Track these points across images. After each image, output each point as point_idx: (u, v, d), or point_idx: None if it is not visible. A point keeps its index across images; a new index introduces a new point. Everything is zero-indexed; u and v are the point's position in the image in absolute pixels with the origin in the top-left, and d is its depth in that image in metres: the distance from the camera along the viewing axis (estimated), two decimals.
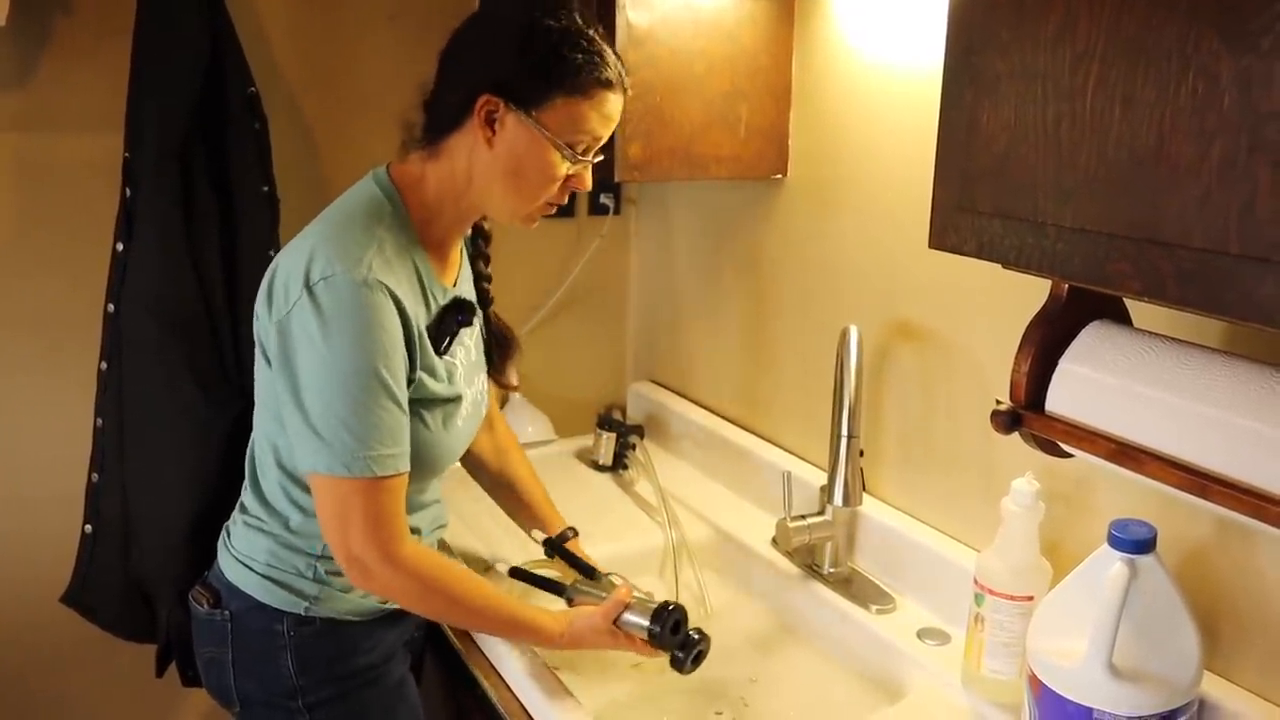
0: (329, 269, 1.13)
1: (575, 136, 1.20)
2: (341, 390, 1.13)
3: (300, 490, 1.25)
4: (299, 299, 1.14)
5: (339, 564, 1.21)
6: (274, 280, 1.19)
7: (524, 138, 1.19)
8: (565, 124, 1.19)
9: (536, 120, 1.18)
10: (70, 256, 1.68)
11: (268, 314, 1.19)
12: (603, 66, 1.18)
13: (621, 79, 1.22)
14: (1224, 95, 0.75)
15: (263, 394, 1.26)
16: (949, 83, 0.97)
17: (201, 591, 1.34)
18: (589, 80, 1.18)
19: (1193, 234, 0.78)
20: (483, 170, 1.22)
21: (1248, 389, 0.89)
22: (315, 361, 1.13)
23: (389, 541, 1.19)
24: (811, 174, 1.67)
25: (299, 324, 1.14)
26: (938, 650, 1.36)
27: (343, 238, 1.17)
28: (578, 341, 2.16)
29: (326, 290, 1.13)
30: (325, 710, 1.31)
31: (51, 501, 1.71)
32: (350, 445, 1.14)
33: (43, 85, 1.64)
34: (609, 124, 1.23)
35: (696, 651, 1.32)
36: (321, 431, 1.14)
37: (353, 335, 1.13)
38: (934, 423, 1.49)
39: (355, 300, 1.13)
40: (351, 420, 1.14)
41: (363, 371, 1.13)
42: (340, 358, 1.13)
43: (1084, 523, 1.27)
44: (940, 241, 1.01)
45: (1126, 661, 1.01)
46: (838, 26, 1.57)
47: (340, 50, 1.84)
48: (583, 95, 1.18)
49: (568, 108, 1.18)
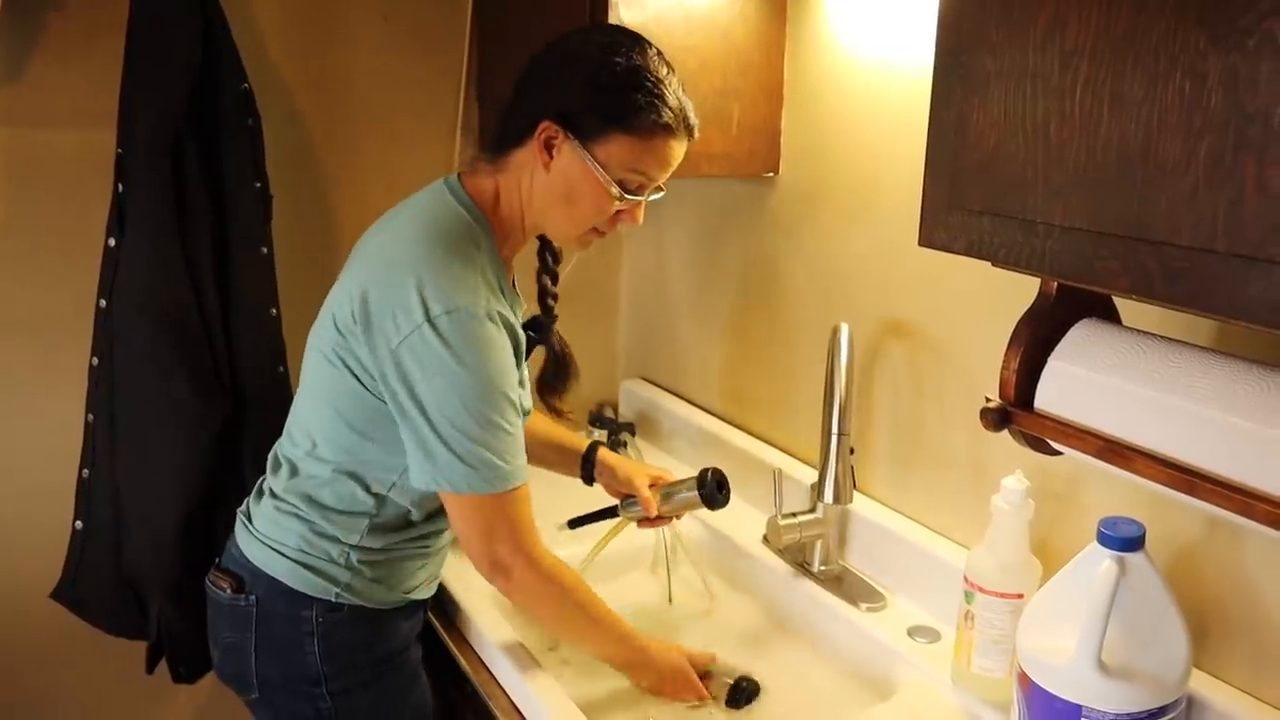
0: (450, 303, 1.16)
1: (626, 175, 1.23)
2: (477, 415, 1.18)
3: (360, 489, 1.28)
4: (418, 329, 1.16)
5: (483, 574, 1.27)
6: (369, 304, 1.20)
7: (577, 168, 1.22)
8: (618, 161, 1.22)
9: (590, 153, 1.21)
10: (62, 252, 1.68)
11: (364, 334, 1.20)
12: (664, 110, 1.20)
13: (685, 123, 1.24)
14: (1211, 94, 0.75)
15: (328, 394, 1.27)
16: (939, 81, 0.97)
17: (221, 576, 1.35)
18: (647, 122, 1.20)
19: (1180, 232, 0.78)
20: (541, 192, 1.26)
21: (1235, 387, 0.90)
22: (445, 389, 1.17)
23: (533, 548, 1.26)
24: (803, 172, 1.67)
25: (419, 353, 1.17)
26: (928, 648, 1.37)
27: (452, 268, 1.19)
28: (569, 339, 2.15)
29: (451, 324, 1.16)
30: (347, 698, 1.33)
31: (42, 497, 1.71)
32: (490, 464, 1.19)
33: (35, 80, 1.63)
34: (665, 167, 1.25)
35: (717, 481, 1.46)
36: (461, 455, 1.18)
37: (480, 363, 1.17)
38: (925, 420, 1.50)
39: (480, 332, 1.17)
40: (490, 441, 1.19)
41: (493, 395, 1.19)
42: (472, 385, 1.17)
43: (1074, 521, 1.28)
44: (930, 239, 1.01)
45: (1115, 659, 1.01)
46: (830, 25, 1.57)
47: (334, 47, 1.84)
48: (639, 136, 1.21)
49: (622, 145, 1.21)
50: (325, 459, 1.29)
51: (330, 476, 1.29)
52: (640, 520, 1.52)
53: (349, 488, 1.28)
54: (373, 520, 1.29)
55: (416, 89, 1.92)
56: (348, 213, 1.88)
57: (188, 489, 1.62)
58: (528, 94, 1.26)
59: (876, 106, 1.50)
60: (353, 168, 1.89)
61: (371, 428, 1.25)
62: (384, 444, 1.25)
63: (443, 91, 1.94)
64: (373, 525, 1.30)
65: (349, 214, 1.89)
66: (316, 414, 1.30)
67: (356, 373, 1.24)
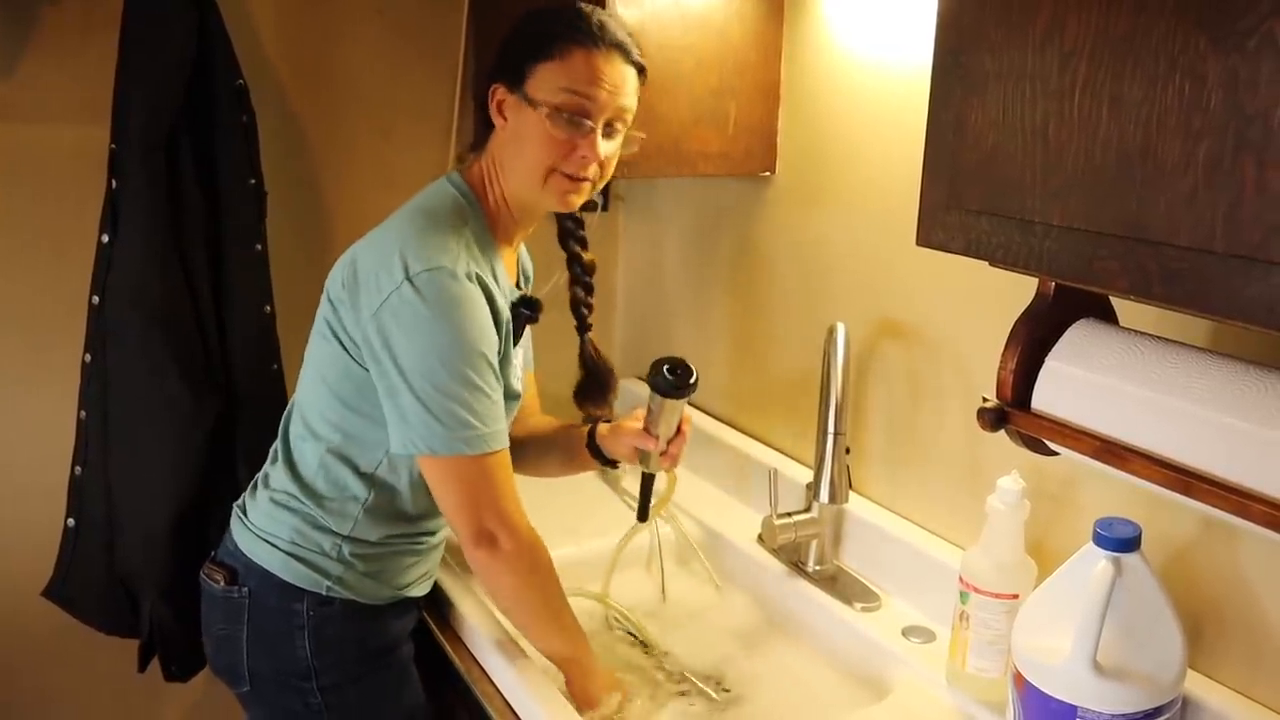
0: (429, 262, 1.18)
1: (560, 99, 1.23)
2: (455, 373, 1.19)
3: (350, 473, 1.29)
4: (397, 288, 1.18)
5: (464, 545, 1.25)
6: (357, 271, 1.24)
7: (522, 115, 1.25)
8: (547, 90, 1.23)
9: (526, 94, 1.24)
10: (55, 248, 1.68)
11: (351, 300, 1.24)
12: (577, 30, 1.23)
13: (604, 35, 1.24)
14: (1211, 95, 0.75)
15: (321, 368, 1.30)
16: (938, 81, 0.97)
17: (215, 569, 1.35)
18: (561, 45, 1.23)
19: (1179, 233, 0.78)
20: (500, 153, 1.29)
21: (1231, 387, 0.90)
22: (422, 348, 1.18)
23: (516, 512, 1.25)
24: (799, 171, 1.67)
25: (398, 312, 1.18)
26: (923, 648, 1.37)
27: (434, 235, 1.22)
28: (565, 339, 2.15)
29: (429, 281, 1.18)
30: (338, 692, 1.33)
31: (34, 494, 1.71)
32: (468, 423, 1.19)
33: (28, 76, 1.63)
34: (596, 82, 1.23)
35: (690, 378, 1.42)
36: (439, 414, 1.19)
37: (459, 322, 1.19)
38: (920, 420, 1.50)
39: (458, 291, 1.19)
40: (469, 401, 1.19)
41: (471, 354, 1.20)
42: (450, 343, 1.19)
43: (1069, 521, 1.28)
44: (928, 239, 1.01)
45: (1111, 659, 1.01)
46: (827, 24, 1.57)
47: (329, 43, 1.83)
48: (557, 59, 1.23)
49: (546, 75, 1.23)
50: (318, 437, 1.30)
51: (320, 460, 1.30)
52: (666, 464, 1.48)
53: (340, 473, 1.29)
54: (365, 508, 1.30)
55: (412, 87, 1.92)
56: (342, 211, 1.88)
57: (180, 487, 1.62)
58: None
59: (873, 106, 1.50)
60: (348, 165, 1.89)
61: (359, 399, 1.27)
62: (370, 416, 1.27)
63: (438, 89, 1.94)
64: (365, 513, 1.30)
65: (344, 212, 1.88)
66: (313, 390, 1.32)
67: (344, 343, 1.26)
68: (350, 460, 1.30)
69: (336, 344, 1.27)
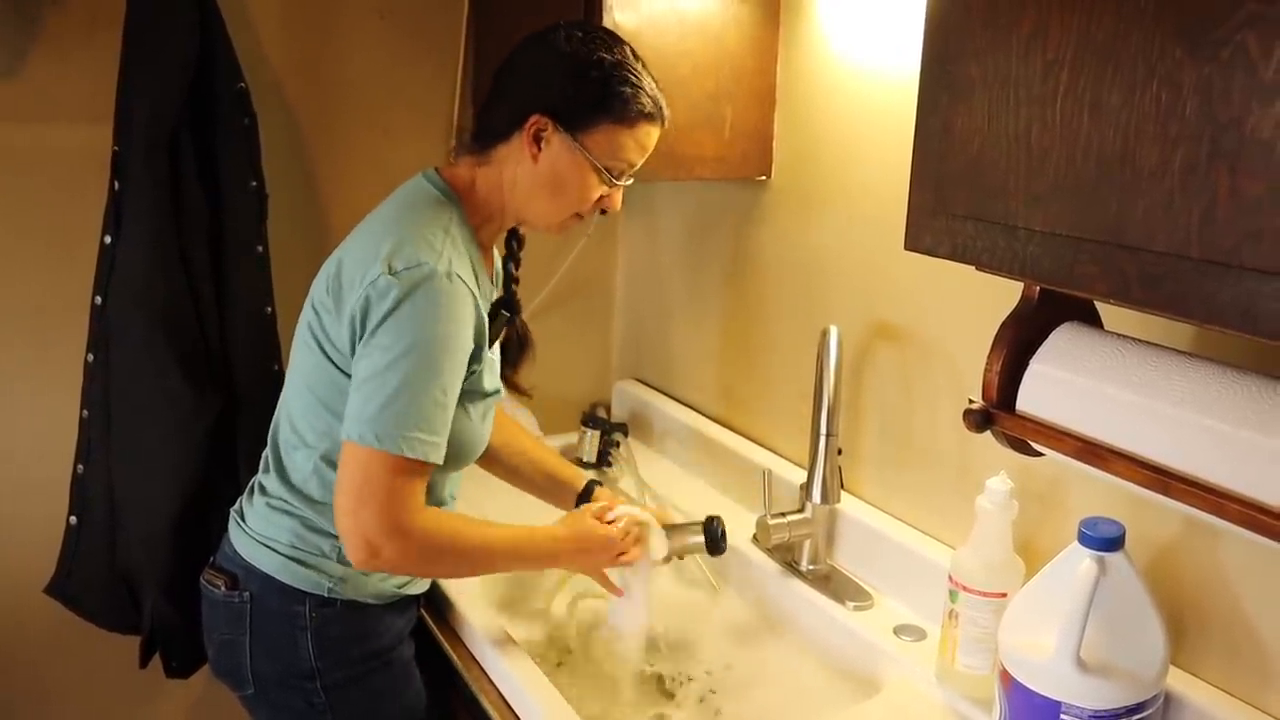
0: (413, 258, 1.19)
1: (613, 161, 1.29)
2: (396, 368, 1.18)
3: (335, 474, 1.28)
4: (376, 279, 1.19)
5: (340, 532, 1.22)
6: (341, 273, 1.25)
7: (566, 157, 1.27)
8: (606, 149, 1.27)
9: (581, 143, 1.26)
10: (58, 248, 1.69)
11: (335, 306, 1.25)
12: (645, 99, 1.27)
13: (661, 112, 1.30)
14: (1186, 103, 0.77)
15: (307, 378, 1.30)
16: (925, 88, 0.99)
17: (215, 575, 1.36)
18: (633, 112, 1.26)
19: (1156, 238, 0.80)
20: (526, 182, 1.29)
21: (1208, 389, 0.91)
22: (405, 344, 1.18)
23: (399, 515, 1.20)
24: (795, 176, 1.69)
25: (380, 307, 1.18)
26: (913, 646, 1.38)
27: (418, 232, 1.23)
28: (563, 340, 2.17)
29: (410, 276, 1.18)
30: (341, 692, 1.34)
31: (36, 492, 1.72)
32: (390, 420, 1.18)
33: (32, 77, 1.64)
34: (644, 153, 1.31)
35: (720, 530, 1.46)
36: (371, 401, 1.18)
37: (425, 321, 1.19)
38: (912, 422, 1.51)
39: (437, 289, 1.19)
40: (400, 398, 1.18)
41: (423, 357, 1.19)
42: (404, 338, 1.18)
43: (1056, 521, 1.29)
44: (915, 244, 1.03)
45: (1094, 656, 1.03)
46: (822, 31, 1.59)
47: (330, 46, 1.84)
48: (626, 124, 1.27)
49: (610, 135, 1.27)
50: (308, 445, 1.31)
51: (314, 467, 1.31)
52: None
53: (332, 477, 1.29)
54: None
55: (413, 88, 1.93)
56: (343, 212, 1.89)
57: (182, 485, 1.63)
58: (510, 90, 1.30)
59: (867, 112, 1.52)
60: (349, 167, 1.90)
61: (343, 407, 1.25)
62: None
63: (439, 91, 1.95)
64: None
65: (344, 213, 1.89)
66: (299, 400, 1.32)
67: (328, 352, 1.27)
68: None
69: (320, 354, 1.28)
